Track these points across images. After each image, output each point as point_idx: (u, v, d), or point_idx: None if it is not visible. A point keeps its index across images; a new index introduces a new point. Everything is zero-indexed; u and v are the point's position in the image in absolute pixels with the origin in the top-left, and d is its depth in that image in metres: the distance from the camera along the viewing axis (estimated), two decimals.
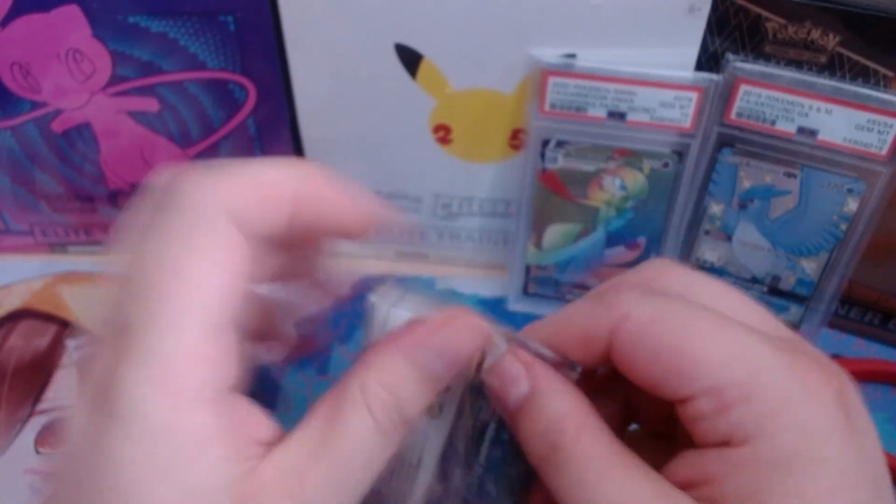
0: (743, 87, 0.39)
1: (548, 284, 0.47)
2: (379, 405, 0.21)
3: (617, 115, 0.40)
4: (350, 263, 0.51)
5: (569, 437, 0.21)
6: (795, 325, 0.45)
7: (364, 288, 0.26)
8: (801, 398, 0.20)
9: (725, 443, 0.20)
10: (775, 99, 0.38)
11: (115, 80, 0.42)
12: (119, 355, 0.19)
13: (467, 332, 0.23)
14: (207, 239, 0.20)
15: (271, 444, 0.21)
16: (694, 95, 0.39)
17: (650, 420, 0.26)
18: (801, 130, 0.39)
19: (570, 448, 0.21)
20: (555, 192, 0.43)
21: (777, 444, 0.20)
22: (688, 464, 0.21)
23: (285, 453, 0.21)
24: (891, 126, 0.37)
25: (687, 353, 0.21)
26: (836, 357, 0.46)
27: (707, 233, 0.44)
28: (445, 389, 0.24)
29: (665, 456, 0.22)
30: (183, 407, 0.19)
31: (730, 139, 0.40)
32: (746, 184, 0.42)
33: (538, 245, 0.45)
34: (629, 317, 0.22)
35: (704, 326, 0.21)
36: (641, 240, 0.44)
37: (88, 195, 0.47)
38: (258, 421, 0.21)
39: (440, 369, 0.22)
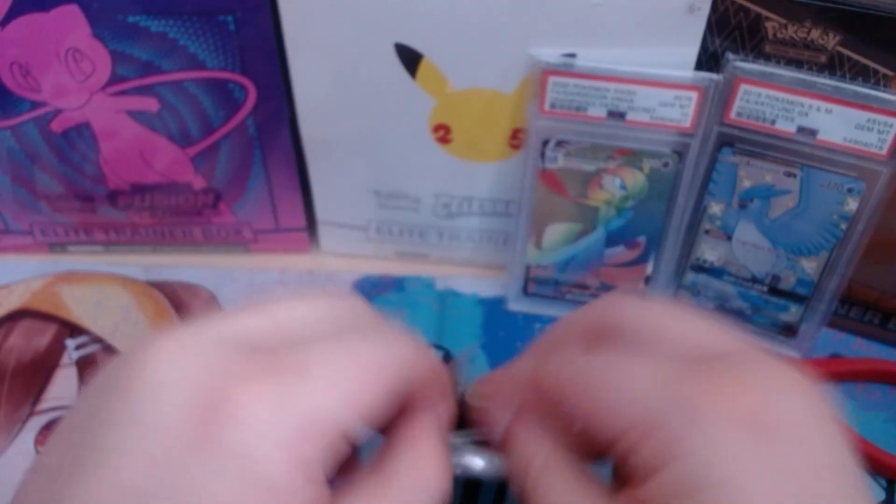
0: (743, 87, 0.39)
1: (548, 284, 0.47)
2: None
3: (617, 115, 0.40)
4: (350, 263, 0.51)
5: (536, 467, 0.23)
6: (795, 325, 0.45)
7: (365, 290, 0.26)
8: (702, 425, 0.20)
9: (659, 468, 0.20)
10: (775, 98, 0.38)
11: (114, 79, 0.42)
12: (268, 374, 0.18)
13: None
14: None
15: None
16: (694, 95, 0.39)
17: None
18: (800, 130, 0.39)
19: (538, 474, 0.23)
20: (555, 192, 0.43)
21: (679, 473, 0.20)
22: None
23: None
24: (891, 126, 0.37)
25: (594, 405, 0.22)
26: (836, 357, 0.46)
27: (707, 232, 0.44)
28: None
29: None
30: (302, 481, 0.17)
31: (730, 139, 0.40)
32: (746, 183, 0.42)
33: (538, 245, 0.45)
34: (540, 381, 0.24)
35: (604, 377, 0.22)
36: (641, 239, 0.44)
37: (88, 195, 0.47)
38: None
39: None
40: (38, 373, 0.44)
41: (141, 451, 0.16)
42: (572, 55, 0.39)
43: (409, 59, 0.40)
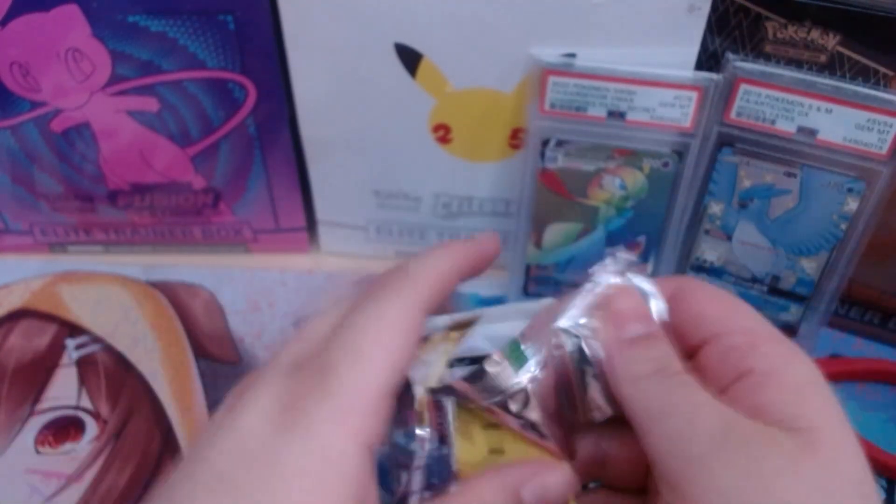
0: (743, 87, 0.39)
1: (548, 284, 0.47)
2: None
3: (617, 115, 0.40)
4: (350, 263, 0.51)
5: (676, 365, 0.25)
6: (795, 325, 0.45)
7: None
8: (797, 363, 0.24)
9: (747, 374, 0.24)
10: (775, 98, 0.38)
11: (114, 79, 0.42)
12: (310, 384, 0.23)
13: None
14: (401, 315, 0.24)
15: None
16: (694, 95, 0.39)
17: (618, 472, 0.28)
18: (800, 130, 0.39)
19: (674, 374, 0.25)
20: (555, 192, 0.43)
21: (797, 372, 0.24)
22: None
23: None
24: (891, 125, 0.37)
25: (727, 306, 0.26)
26: (836, 357, 0.46)
27: (707, 232, 0.44)
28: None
29: None
30: (354, 446, 0.22)
31: (730, 139, 0.40)
32: (746, 183, 0.42)
33: (538, 245, 0.45)
34: (691, 281, 0.27)
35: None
36: (641, 239, 0.44)
37: (88, 195, 0.47)
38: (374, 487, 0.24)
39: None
40: (38, 373, 0.44)
41: (227, 448, 0.23)
42: (572, 55, 0.39)
43: (409, 58, 0.40)
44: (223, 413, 0.24)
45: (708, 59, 0.39)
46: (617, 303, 0.26)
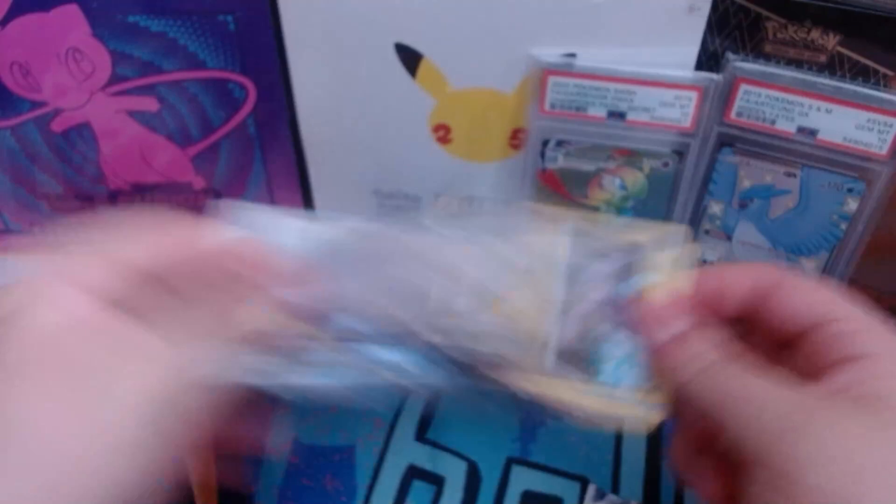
0: (743, 87, 0.39)
1: None
2: None
3: (617, 115, 0.40)
4: None
5: (723, 357, 0.26)
6: None
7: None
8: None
9: (855, 358, 0.25)
10: (775, 98, 0.38)
11: (114, 79, 0.42)
12: None
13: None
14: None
15: None
16: (694, 95, 0.39)
17: None
18: (800, 130, 0.39)
19: (724, 364, 0.26)
20: (555, 192, 0.43)
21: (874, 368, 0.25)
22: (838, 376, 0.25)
23: None
24: (891, 126, 0.37)
25: (833, 296, 0.27)
26: None
27: (707, 232, 0.44)
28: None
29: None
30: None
31: (730, 139, 0.40)
32: (746, 183, 0.42)
33: None
34: (787, 272, 0.28)
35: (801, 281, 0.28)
36: None
37: (88, 195, 0.47)
38: None
39: None
40: None
41: None
42: (572, 55, 0.39)
43: (409, 59, 0.40)
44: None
45: (708, 59, 0.39)
46: (646, 303, 0.27)
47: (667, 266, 0.28)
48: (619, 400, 0.27)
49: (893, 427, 0.23)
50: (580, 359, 0.27)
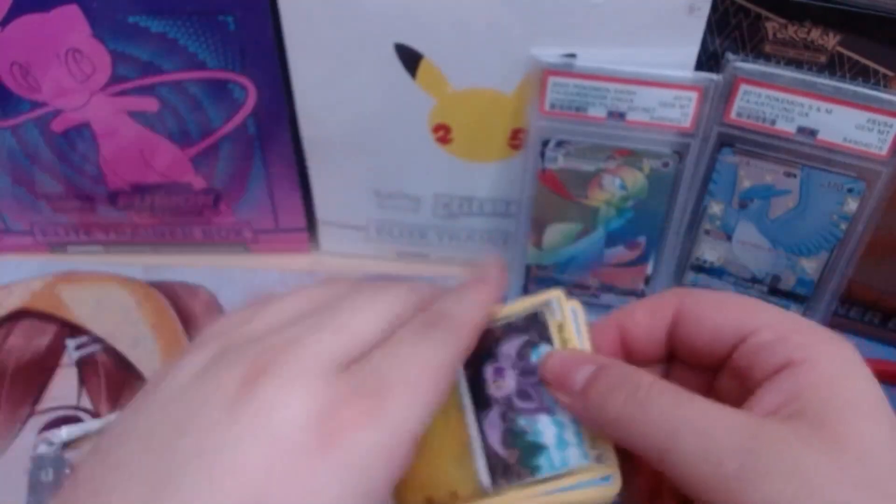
0: (743, 87, 0.39)
1: (548, 284, 0.47)
2: None
3: (617, 115, 0.40)
4: (350, 263, 0.51)
5: (646, 382, 0.24)
6: None
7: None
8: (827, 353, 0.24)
9: (784, 367, 0.23)
10: (775, 99, 0.38)
11: (114, 79, 0.42)
12: (361, 404, 0.21)
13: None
14: (447, 364, 0.23)
15: None
16: (694, 95, 0.39)
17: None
18: (800, 130, 0.39)
19: (648, 388, 0.23)
20: (555, 192, 0.43)
21: (831, 359, 0.24)
22: (765, 396, 0.23)
23: None
24: (891, 126, 0.37)
25: (746, 306, 0.25)
26: None
27: (707, 232, 0.44)
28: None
29: None
30: (385, 487, 0.21)
31: (730, 139, 0.40)
32: (746, 183, 0.42)
33: (538, 245, 0.45)
34: (690, 293, 0.26)
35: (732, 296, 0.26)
36: (641, 239, 0.44)
37: (88, 195, 0.47)
38: None
39: None
40: (38, 373, 0.44)
41: (259, 455, 0.19)
42: (572, 55, 0.39)
43: (409, 59, 0.40)
44: (236, 391, 0.21)
45: (708, 59, 0.39)
46: (546, 367, 0.25)
47: (554, 333, 0.27)
48: (572, 489, 0.24)
49: (835, 446, 0.21)
50: (514, 462, 0.25)
